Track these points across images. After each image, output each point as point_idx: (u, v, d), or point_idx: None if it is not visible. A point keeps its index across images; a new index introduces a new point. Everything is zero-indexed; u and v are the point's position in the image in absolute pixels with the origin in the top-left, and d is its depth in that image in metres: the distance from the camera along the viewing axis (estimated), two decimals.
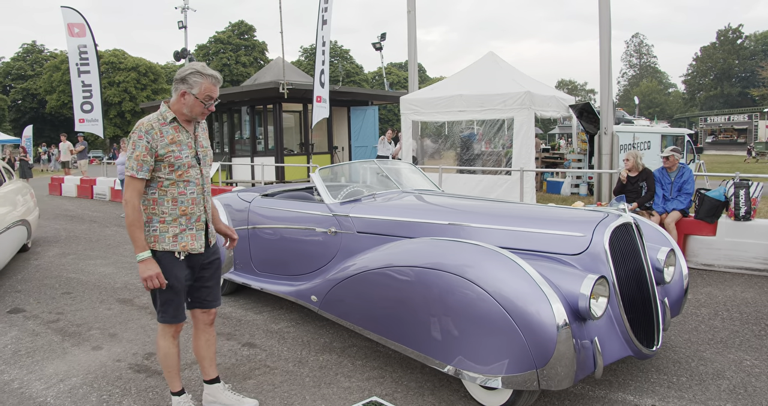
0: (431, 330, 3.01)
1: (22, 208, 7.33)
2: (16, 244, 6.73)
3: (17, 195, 7.52)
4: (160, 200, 2.84)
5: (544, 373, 2.60)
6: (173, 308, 2.92)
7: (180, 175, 2.84)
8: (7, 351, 4.23)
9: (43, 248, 8.33)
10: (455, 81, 12.67)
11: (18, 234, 6.75)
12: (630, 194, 6.41)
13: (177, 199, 2.86)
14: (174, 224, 2.86)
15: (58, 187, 16.69)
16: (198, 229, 2.93)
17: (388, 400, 3.28)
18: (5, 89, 46.23)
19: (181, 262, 2.90)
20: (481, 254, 2.90)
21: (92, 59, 13.29)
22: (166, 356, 3.01)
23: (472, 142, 12.68)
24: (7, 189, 7.31)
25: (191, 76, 2.78)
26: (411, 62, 14.55)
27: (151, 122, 2.78)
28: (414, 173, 5.09)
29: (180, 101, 2.82)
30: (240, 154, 18.17)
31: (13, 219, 6.48)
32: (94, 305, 5.38)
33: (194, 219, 2.91)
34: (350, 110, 19.09)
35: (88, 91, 13.67)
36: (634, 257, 3.13)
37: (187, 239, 2.89)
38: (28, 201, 7.99)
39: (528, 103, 10.62)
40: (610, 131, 10.66)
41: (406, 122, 12.59)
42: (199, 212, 2.94)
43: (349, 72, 59.15)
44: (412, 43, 14.34)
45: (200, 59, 54.86)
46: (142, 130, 2.75)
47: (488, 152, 12.41)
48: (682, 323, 4.48)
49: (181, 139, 2.85)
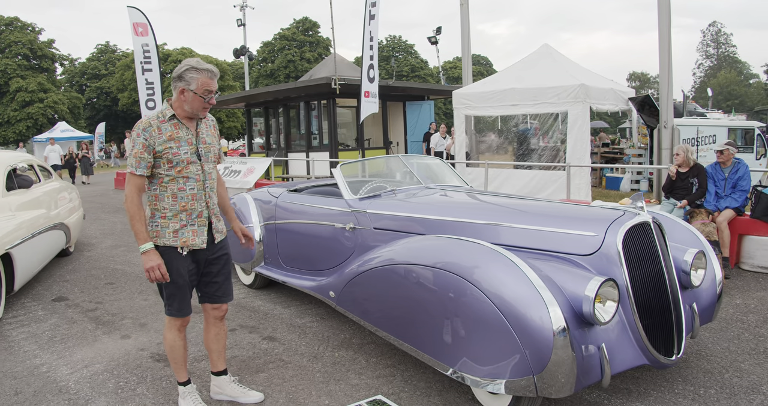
0: (433, 330, 2.92)
1: (60, 210, 6.71)
2: (48, 250, 6.04)
3: (54, 196, 6.84)
4: (161, 196, 2.89)
5: (543, 379, 2.47)
6: (177, 301, 2.97)
7: (179, 172, 2.87)
8: (44, 337, 4.47)
9: (98, 241, 8.77)
10: (508, 74, 12.37)
11: (52, 239, 6.10)
12: (680, 191, 6.03)
13: (177, 195, 2.88)
14: (174, 220, 2.89)
15: (122, 182, 17.55)
16: (200, 225, 2.95)
17: (393, 399, 3.23)
18: (81, 88, 48.98)
19: (185, 257, 2.93)
20: (481, 254, 2.79)
21: (154, 58, 13.86)
22: (172, 348, 3.08)
23: (529, 136, 12.34)
24: (41, 190, 6.54)
25: (187, 73, 2.80)
26: (464, 56, 14.32)
27: (149, 120, 2.84)
28: (442, 169, 4.99)
29: (180, 99, 2.85)
30: (296, 149, 18.49)
31: (45, 224, 5.81)
32: (132, 295, 5.60)
33: (195, 215, 2.93)
34: (406, 105, 19.03)
35: (151, 88, 14.26)
36: (652, 259, 2.92)
37: (188, 235, 2.91)
38: (69, 203, 7.37)
39: (583, 96, 10.22)
40: (670, 125, 10.10)
41: (459, 117, 12.40)
42: (201, 207, 2.95)
43: (414, 67, 58.84)
44: (465, 35, 14.10)
45: (265, 56, 56.15)
46: (140, 127, 2.82)
47: (542, 147, 12.05)
48: (724, 329, 4.17)
49: (180, 135, 2.87)
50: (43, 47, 40.74)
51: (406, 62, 59.53)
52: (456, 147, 12.77)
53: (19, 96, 37.55)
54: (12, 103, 37.72)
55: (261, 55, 56.53)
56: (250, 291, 5.64)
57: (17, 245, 4.90)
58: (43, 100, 38.22)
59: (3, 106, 37.96)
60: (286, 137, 18.78)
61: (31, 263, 5.39)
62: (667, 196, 6.23)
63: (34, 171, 6.85)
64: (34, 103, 37.86)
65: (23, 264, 5.05)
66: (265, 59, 56.50)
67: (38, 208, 5.98)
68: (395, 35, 64.82)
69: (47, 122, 37.32)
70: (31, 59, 40.28)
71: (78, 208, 7.87)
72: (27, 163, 6.58)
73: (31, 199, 5.97)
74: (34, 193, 6.16)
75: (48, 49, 41.39)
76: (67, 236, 6.85)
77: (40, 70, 40.47)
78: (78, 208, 7.87)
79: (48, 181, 7.15)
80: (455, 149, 12.99)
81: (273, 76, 52.46)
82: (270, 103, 18.82)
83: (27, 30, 39.94)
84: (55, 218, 6.31)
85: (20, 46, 38.76)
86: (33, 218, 5.54)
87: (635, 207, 3.05)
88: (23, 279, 5.20)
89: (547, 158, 11.49)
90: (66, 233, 6.72)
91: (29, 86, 37.71)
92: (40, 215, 5.79)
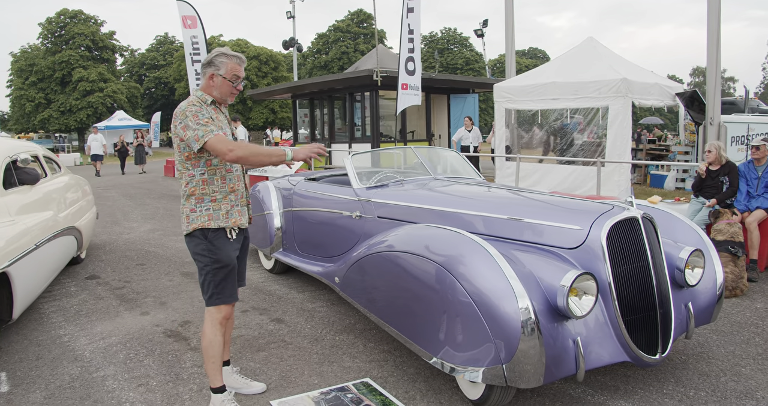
0: (417, 317, 2.99)
1: (70, 211, 5.64)
2: (55, 263, 5.00)
3: (64, 194, 5.77)
4: (210, 180, 2.90)
5: (511, 369, 2.49)
6: (229, 287, 2.95)
7: None
8: (71, 310, 4.78)
9: (139, 225, 9.19)
10: (550, 68, 12.14)
11: (60, 249, 5.06)
12: (709, 190, 5.81)
13: (225, 177, 2.94)
14: (225, 202, 2.93)
15: (172, 169, 18.17)
16: (242, 205, 3.02)
17: (380, 382, 3.31)
18: (140, 78, 50.87)
19: (233, 241, 2.97)
20: (460, 244, 2.82)
21: (203, 49, 14.28)
22: (211, 343, 2.92)
23: (571, 131, 12.10)
24: (48, 187, 5.44)
25: (217, 58, 2.87)
26: (508, 48, 14.14)
27: (196, 101, 2.85)
28: (456, 160, 5.01)
29: (209, 84, 2.90)
30: (339, 140, 18.73)
31: (53, 229, 4.79)
32: (159, 276, 5.88)
33: (239, 195, 3.00)
34: (450, 98, 18.95)
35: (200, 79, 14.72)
36: (639, 255, 2.88)
37: (236, 216, 2.97)
38: (81, 201, 6.32)
39: (624, 90, 9.93)
40: (717, 121, 9.71)
41: (500, 110, 12.27)
42: (242, 188, 3.03)
43: (468, 59, 58.19)
44: (509, 28, 13.93)
45: (319, 48, 56.75)
46: (196, 105, 2.82)
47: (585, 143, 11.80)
48: (734, 333, 4.04)
49: (222, 119, 2.94)
50: (104, 39, 42.54)
51: (461, 55, 58.84)
52: (496, 141, 12.64)
53: (80, 86, 39.41)
54: (74, 92, 39.64)
55: (315, 46, 57.16)
56: (270, 276, 5.82)
57: (17, 260, 3.84)
58: (103, 89, 39.99)
59: (65, 96, 39.94)
60: (330, 128, 19.05)
61: (35, 282, 4.31)
62: (696, 195, 6.02)
63: (39, 163, 5.67)
64: (94, 92, 39.66)
65: (24, 285, 3.97)
66: (319, 51, 57.12)
67: (44, 209, 4.93)
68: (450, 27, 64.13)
69: (106, 111, 39.03)
70: (92, 50, 42.14)
71: (91, 206, 6.85)
72: (31, 154, 5.33)
73: (35, 199, 4.90)
74: (39, 191, 5.08)
75: (109, 41, 43.19)
76: (79, 241, 5.78)
77: (101, 60, 42.31)
78: (91, 206, 6.85)
79: (56, 176, 6.07)
80: (495, 143, 12.87)
81: (327, 67, 52.99)
82: (315, 94, 19.11)
83: (90, 22, 41.78)
84: (65, 221, 5.25)
85: (83, 38, 40.61)
86: (38, 224, 4.49)
87: (624, 202, 3.00)
88: (24, 303, 4.08)
89: (587, 154, 11.25)
90: (77, 238, 5.69)
91: (90, 76, 39.51)
92: (46, 218, 4.75)
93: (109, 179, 18.44)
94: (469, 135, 13.80)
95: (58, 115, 39.58)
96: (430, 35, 61.44)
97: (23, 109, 40.50)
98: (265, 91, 21.85)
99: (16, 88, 41.33)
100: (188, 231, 2.95)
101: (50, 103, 40.26)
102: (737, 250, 5.00)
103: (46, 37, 41.37)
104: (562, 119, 12.02)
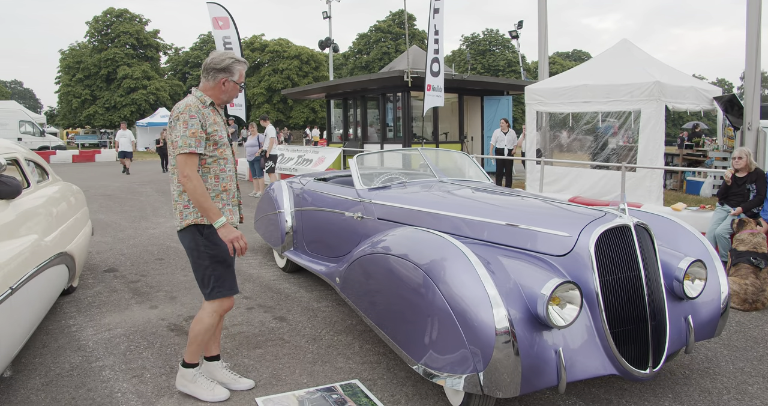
0: (401, 321, 2.95)
1: (61, 231, 4.37)
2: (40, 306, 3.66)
3: (51, 208, 4.45)
4: (204, 177, 2.98)
5: (488, 377, 2.43)
6: (229, 280, 3.10)
7: (221, 153, 3.03)
8: (85, 302, 4.91)
9: (165, 220, 9.40)
10: (583, 70, 11.92)
11: (46, 286, 3.77)
12: (735, 198, 5.58)
13: (218, 176, 3.03)
14: (217, 200, 3.02)
15: None
16: (233, 205, 3.12)
17: (368, 384, 3.29)
18: (184, 76, 52.04)
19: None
20: (442, 249, 2.77)
21: (236, 49, 14.53)
22: (206, 331, 3.09)
23: (602, 134, 11.83)
24: (31, 201, 4.12)
25: (233, 65, 3.01)
26: (540, 50, 13.92)
27: (195, 104, 2.94)
28: (465, 163, 4.94)
29: (220, 88, 3.02)
30: (371, 140, 18.76)
31: (37, 260, 3.54)
32: (175, 271, 5.99)
33: (231, 195, 3.10)
34: (483, 100, 18.75)
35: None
36: (631, 265, 2.77)
37: (227, 214, 3.06)
38: (73, 216, 4.96)
39: (657, 94, 9.64)
40: (755, 126, 9.32)
41: (531, 113, 12.09)
42: (234, 188, 3.13)
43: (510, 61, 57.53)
44: (542, 29, 13.72)
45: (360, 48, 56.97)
46: (192, 110, 2.90)
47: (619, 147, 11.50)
48: (748, 348, 3.85)
49: (218, 120, 3.05)
50: (149, 37, 43.79)
51: (503, 56, 58.20)
52: (527, 144, 12.45)
53: (125, 83, 40.67)
54: (119, 89, 40.92)
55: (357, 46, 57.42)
56: (282, 274, 5.87)
57: None
58: (147, 86, 41.15)
59: (110, 92, 41.24)
60: (362, 128, 19.10)
61: (11, 337, 3.02)
62: (720, 203, 5.79)
63: (20, 169, 4.36)
64: (138, 89, 40.85)
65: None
66: (360, 51, 57.37)
67: (26, 231, 3.66)
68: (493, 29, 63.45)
69: (149, 108, 40.11)
70: (137, 48, 43.43)
71: (85, 221, 5.38)
72: (6, 157, 4.06)
73: (13, 219, 3.56)
74: (18, 207, 3.75)
75: (153, 39, 44.42)
76: (71, 270, 4.48)
77: (145, 58, 43.56)
78: (85, 221, 5.38)
79: (43, 185, 4.76)
80: (525, 146, 12.67)
81: (368, 68, 53.20)
82: (349, 94, 19.18)
83: (135, 21, 43.07)
84: (53, 245, 4.01)
85: (128, 36, 41.89)
86: (16, 256, 3.22)
87: (618, 209, 2.90)
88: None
89: (618, 158, 10.96)
90: (69, 266, 4.39)
91: (134, 74, 40.72)
92: (27, 246, 3.47)
93: (147, 175, 18.78)
94: (505, 137, 13.62)
95: (103, 111, 40.90)
96: (472, 36, 60.96)
97: (70, 105, 42.00)
98: (299, 90, 22.04)
99: (63, 84, 42.88)
100: (182, 227, 3.03)
101: (96, 99, 41.63)
102: (759, 261, 4.79)
103: (93, 36, 42.80)
104: (594, 123, 11.76)
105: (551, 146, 12.53)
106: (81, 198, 5.65)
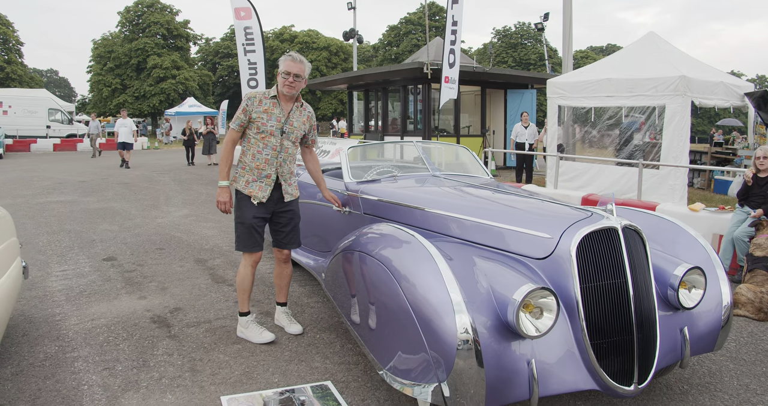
0: (371, 323, 2.78)
1: None
2: None
3: None
4: (246, 151, 3.65)
5: (451, 388, 2.25)
6: (244, 239, 3.66)
7: (262, 138, 3.58)
8: (75, 290, 4.87)
9: (176, 209, 9.38)
10: (607, 64, 11.48)
11: None
12: (755, 199, 5.25)
13: (255, 155, 3.61)
14: (249, 173, 3.63)
15: None
16: (266, 183, 3.62)
17: (341, 386, 3.14)
18: (213, 66, 52.46)
19: (256, 206, 3.62)
20: (410, 248, 2.59)
21: (257, 39, 14.44)
22: (242, 279, 3.75)
23: (628, 130, 11.42)
24: None
25: (281, 60, 3.56)
26: (565, 43, 13.54)
27: (258, 93, 3.61)
28: (464, 157, 4.73)
29: (277, 80, 3.60)
30: (392, 132, 18.58)
31: None
32: (172, 261, 5.92)
33: (264, 175, 3.61)
34: (507, 93, 18.37)
35: (254, 68, 14.88)
36: (617, 271, 2.54)
37: (254, 188, 3.61)
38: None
39: (683, 89, 9.22)
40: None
41: (552, 107, 11.74)
42: (270, 170, 3.61)
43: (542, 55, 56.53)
44: (567, 22, 13.35)
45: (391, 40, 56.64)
46: (248, 96, 3.60)
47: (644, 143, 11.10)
48: (757, 363, 3.58)
49: (274, 112, 3.57)
50: (179, 27, 44.21)
51: (534, 50, 57.20)
52: (548, 138, 12.11)
53: (154, 72, 41.17)
54: (148, 78, 41.45)
55: (387, 38, 57.08)
56: None
57: None
58: (176, 76, 41.57)
59: (140, 82, 41.81)
60: (383, 120, 18.91)
61: None
62: (740, 204, 5.47)
63: None
64: (167, 79, 41.30)
65: None
66: (390, 43, 57.02)
67: None
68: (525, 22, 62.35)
69: (178, 97, 40.53)
70: (167, 38, 43.91)
71: (13, 258, 3.45)
72: None
73: None
74: None
75: (183, 30, 44.83)
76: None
77: (174, 48, 44.03)
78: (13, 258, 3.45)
79: None
80: (547, 141, 12.33)
81: (398, 59, 52.90)
82: (371, 85, 19.01)
83: (165, 11, 43.51)
84: None
85: (158, 27, 42.36)
86: None
87: (605, 209, 2.67)
88: None
89: (641, 155, 10.57)
90: None
91: (164, 63, 41.18)
92: None
93: (171, 164, 18.41)
94: (525, 131, 13.29)
95: (132, 100, 41.51)
96: (504, 29, 60.01)
97: (101, 94, 42.72)
98: (322, 81, 21.94)
99: (95, 73, 43.62)
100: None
101: (126, 88, 42.26)
102: None
103: (125, 25, 43.42)
104: (617, 118, 11.36)
105: (573, 141, 12.17)
106: (6, 224, 3.46)
